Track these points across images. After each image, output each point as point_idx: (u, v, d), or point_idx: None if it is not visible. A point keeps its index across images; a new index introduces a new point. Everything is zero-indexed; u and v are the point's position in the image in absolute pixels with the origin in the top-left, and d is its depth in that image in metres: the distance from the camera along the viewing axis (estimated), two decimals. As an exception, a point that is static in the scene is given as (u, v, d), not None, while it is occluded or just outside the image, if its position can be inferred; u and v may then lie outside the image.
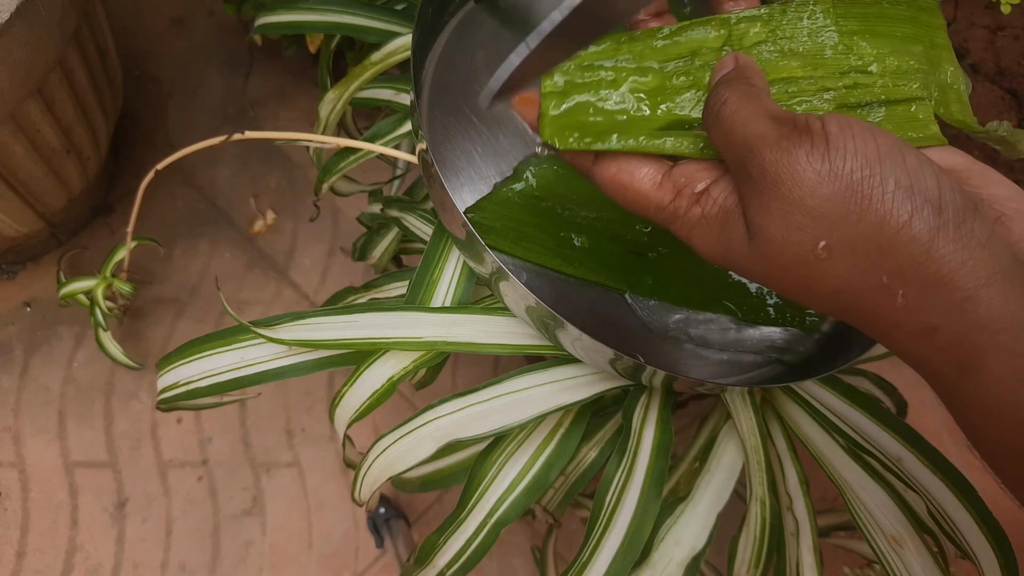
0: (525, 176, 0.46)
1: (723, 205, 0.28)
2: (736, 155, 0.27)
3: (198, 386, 0.44)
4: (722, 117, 0.28)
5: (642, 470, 0.45)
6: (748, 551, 0.47)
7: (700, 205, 0.29)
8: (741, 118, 0.27)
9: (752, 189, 0.26)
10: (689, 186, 0.29)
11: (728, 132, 0.27)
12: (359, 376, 0.44)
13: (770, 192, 0.25)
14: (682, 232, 0.30)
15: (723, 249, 0.28)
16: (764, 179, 0.25)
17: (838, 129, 0.25)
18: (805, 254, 0.25)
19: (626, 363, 0.39)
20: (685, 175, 0.30)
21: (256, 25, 0.62)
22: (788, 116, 0.26)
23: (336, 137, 0.51)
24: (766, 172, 0.25)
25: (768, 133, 0.26)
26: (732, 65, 0.30)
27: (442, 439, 0.41)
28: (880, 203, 0.24)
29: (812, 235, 0.25)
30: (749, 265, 0.28)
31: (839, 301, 0.26)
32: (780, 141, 0.25)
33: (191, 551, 0.97)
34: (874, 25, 0.31)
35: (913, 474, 0.45)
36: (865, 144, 0.25)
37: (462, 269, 0.46)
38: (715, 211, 0.28)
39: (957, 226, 0.24)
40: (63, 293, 0.90)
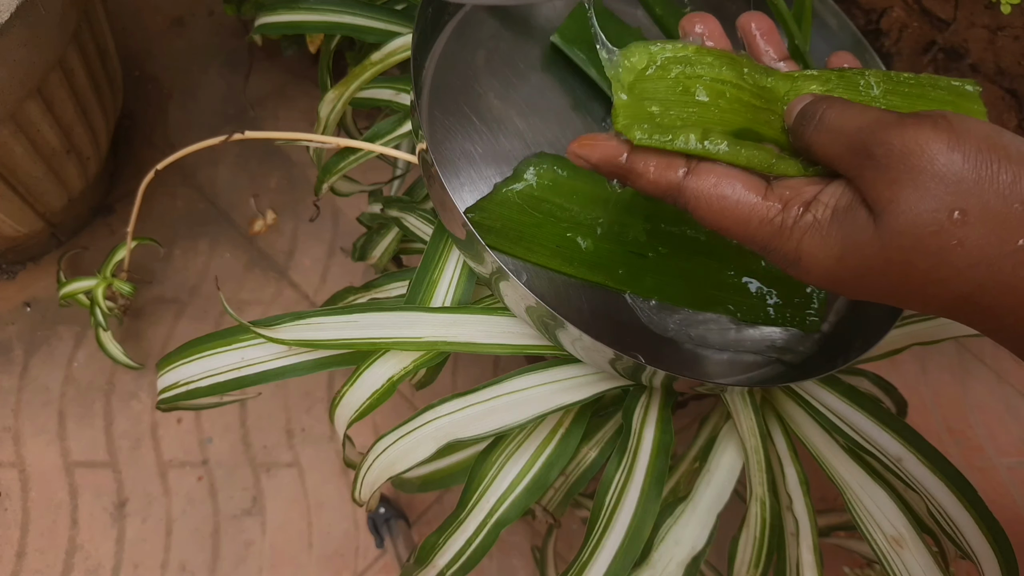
0: (525, 176, 0.46)
1: (836, 206, 0.28)
2: (851, 143, 0.27)
3: (198, 386, 0.44)
4: (827, 120, 0.29)
5: (642, 470, 0.45)
6: (748, 551, 0.47)
7: (811, 211, 0.28)
8: (850, 114, 0.28)
9: (877, 168, 0.26)
10: (797, 197, 0.29)
11: (838, 129, 0.28)
12: (359, 376, 0.44)
13: (899, 166, 0.26)
14: (790, 244, 0.29)
15: (839, 248, 0.28)
16: (891, 155, 0.26)
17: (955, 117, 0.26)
18: (940, 222, 0.25)
19: (626, 363, 0.39)
20: (790, 187, 0.30)
21: (256, 25, 0.62)
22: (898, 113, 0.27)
23: (336, 137, 0.51)
24: (893, 148, 0.26)
25: (887, 118, 0.27)
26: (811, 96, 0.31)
27: (442, 439, 0.41)
28: (1012, 162, 0.25)
29: (947, 202, 0.25)
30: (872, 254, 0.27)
31: (975, 274, 0.25)
32: (904, 119, 0.26)
33: (191, 551, 0.97)
34: (915, 104, 0.33)
35: (913, 474, 0.45)
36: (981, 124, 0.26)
37: (462, 269, 0.46)
38: (828, 213, 0.28)
39: None
40: (63, 293, 0.90)
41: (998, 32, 0.91)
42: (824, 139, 0.29)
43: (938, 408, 1.11)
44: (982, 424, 1.10)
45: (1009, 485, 1.08)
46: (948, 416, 1.11)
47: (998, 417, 1.11)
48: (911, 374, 1.11)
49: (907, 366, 1.11)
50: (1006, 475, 1.08)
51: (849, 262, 0.27)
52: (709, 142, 0.30)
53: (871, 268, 0.27)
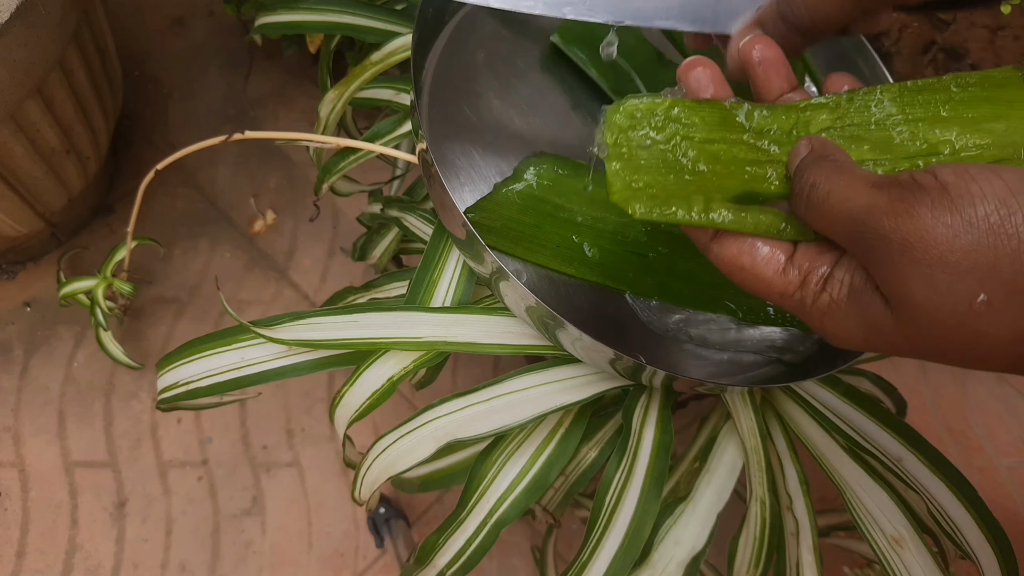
0: (525, 176, 0.46)
1: (851, 285, 0.26)
2: (848, 233, 0.25)
3: (198, 386, 0.44)
4: (816, 201, 0.26)
5: (642, 470, 0.45)
6: (748, 551, 0.47)
7: (827, 291, 0.27)
8: (838, 196, 0.26)
9: (880, 261, 0.24)
10: (813, 272, 0.27)
11: (829, 214, 0.26)
12: (359, 376, 0.44)
13: (903, 260, 0.23)
14: (814, 321, 0.28)
15: (863, 331, 0.26)
16: (891, 249, 0.24)
17: (954, 177, 0.23)
18: (962, 312, 0.23)
19: (626, 363, 0.39)
20: (808, 259, 0.28)
21: (256, 25, 0.62)
22: (890, 178, 0.25)
23: (336, 137, 0.51)
24: (891, 241, 0.24)
25: (877, 202, 0.24)
26: (808, 148, 0.29)
27: (442, 439, 0.41)
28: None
29: (965, 291, 0.23)
30: (898, 341, 0.25)
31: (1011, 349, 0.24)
32: (895, 205, 0.24)
33: (191, 551, 0.97)
34: (939, 111, 0.31)
35: (913, 474, 0.45)
36: (990, 184, 0.23)
37: (462, 269, 0.46)
38: (844, 293, 0.26)
39: None
40: (63, 293, 0.90)
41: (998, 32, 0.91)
42: (818, 223, 0.27)
43: (938, 408, 1.11)
44: (982, 424, 1.10)
45: (1009, 485, 1.08)
46: (948, 416, 1.11)
47: (998, 417, 1.11)
48: (911, 374, 1.11)
49: (907, 366, 1.11)
50: (1006, 475, 1.08)
51: (875, 342, 0.26)
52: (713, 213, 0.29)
53: (902, 348, 0.26)
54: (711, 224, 0.29)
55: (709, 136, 0.30)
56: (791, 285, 0.28)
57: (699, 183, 0.30)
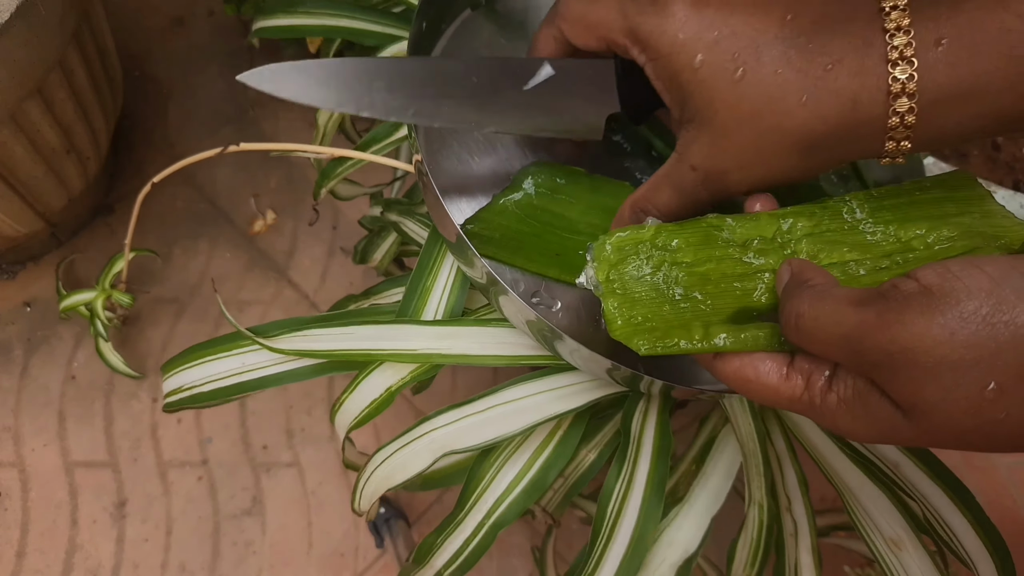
0: (523, 186, 0.45)
1: (855, 387, 0.27)
2: (845, 354, 0.26)
3: (201, 391, 0.45)
4: (806, 330, 0.27)
5: (642, 478, 0.45)
6: (745, 551, 0.48)
7: (834, 391, 0.27)
8: (826, 322, 0.26)
9: (885, 373, 0.25)
10: (817, 372, 0.28)
11: (822, 339, 0.26)
12: (357, 385, 0.44)
13: (907, 367, 0.24)
14: (826, 422, 0.28)
15: (877, 429, 0.26)
16: (893, 360, 0.24)
17: (937, 277, 0.24)
18: (975, 405, 0.23)
19: (624, 373, 0.39)
20: (808, 362, 0.29)
21: (254, 29, 0.62)
22: (872, 292, 0.25)
23: (330, 148, 0.51)
24: (891, 353, 0.24)
25: (866, 319, 0.25)
26: (788, 274, 0.30)
27: (438, 451, 0.42)
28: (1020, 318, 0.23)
29: (974, 384, 0.23)
30: (915, 437, 0.26)
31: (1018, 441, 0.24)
32: (885, 317, 0.24)
33: (191, 551, 0.97)
34: (907, 213, 0.32)
35: (911, 480, 0.45)
36: (972, 278, 0.24)
37: (456, 276, 0.46)
38: (851, 393, 0.27)
39: None
40: (63, 306, 0.91)
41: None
42: (814, 348, 0.27)
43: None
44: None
45: (1009, 485, 1.08)
46: (947, 416, 1.11)
47: (997, 417, 1.11)
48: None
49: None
50: (1006, 475, 1.08)
51: (893, 437, 0.26)
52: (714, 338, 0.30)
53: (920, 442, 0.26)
54: (713, 349, 0.30)
55: (696, 257, 0.32)
56: (797, 389, 0.28)
57: (695, 308, 0.31)
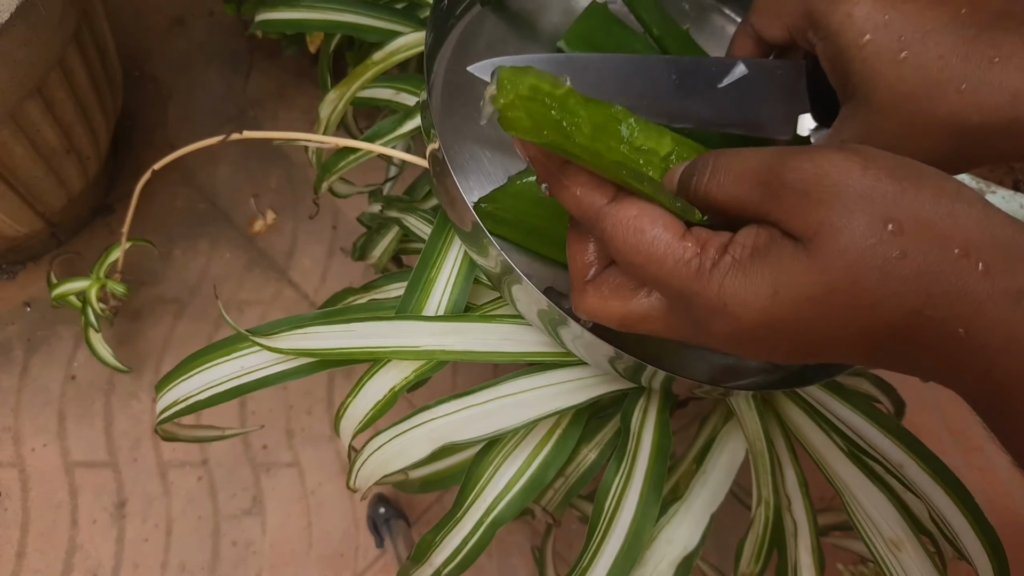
0: None
1: (755, 245, 0.26)
2: (759, 179, 0.26)
3: (198, 399, 0.44)
4: (723, 165, 0.27)
5: (641, 475, 0.45)
6: (751, 548, 0.48)
7: (730, 253, 0.27)
8: (746, 155, 0.27)
9: (795, 195, 0.25)
10: (715, 239, 0.27)
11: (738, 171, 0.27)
12: (361, 388, 0.44)
13: (819, 188, 0.25)
14: (711, 288, 0.27)
15: (770, 285, 0.26)
16: (807, 179, 0.25)
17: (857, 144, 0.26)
18: (878, 234, 0.24)
19: (626, 362, 0.39)
20: (705, 232, 0.28)
21: (256, 20, 0.62)
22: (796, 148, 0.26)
23: (334, 137, 0.51)
24: (806, 172, 0.25)
25: (788, 150, 0.26)
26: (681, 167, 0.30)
27: (437, 441, 0.41)
28: (930, 178, 0.24)
29: (878, 215, 0.24)
30: (810, 283, 0.25)
31: (923, 283, 0.24)
32: (808, 149, 0.25)
33: (191, 551, 0.97)
34: None
35: (914, 480, 0.45)
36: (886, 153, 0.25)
37: (459, 269, 0.46)
38: (747, 252, 0.26)
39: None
40: (55, 294, 0.88)
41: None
42: (725, 181, 0.27)
43: (938, 408, 1.11)
44: (982, 424, 1.10)
45: (1009, 485, 1.08)
46: (948, 416, 1.11)
47: (998, 417, 1.11)
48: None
49: (907, 366, 1.11)
50: (1006, 475, 1.08)
51: (784, 297, 0.25)
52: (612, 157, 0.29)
53: (812, 298, 0.25)
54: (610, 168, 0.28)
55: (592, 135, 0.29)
56: (689, 251, 0.27)
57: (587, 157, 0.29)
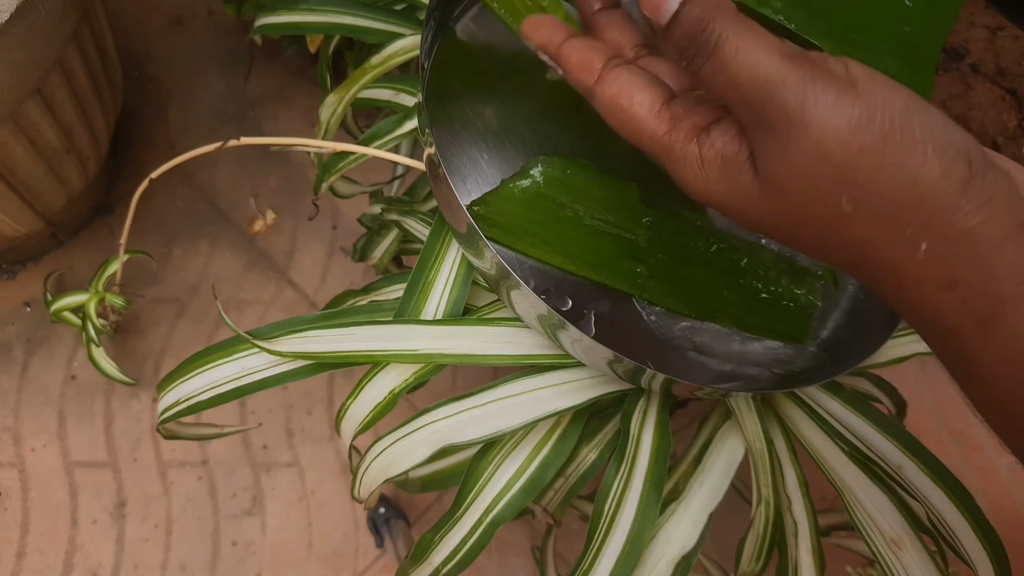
0: (532, 173, 0.46)
1: (723, 152, 0.26)
2: (748, 98, 0.24)
3: (199, 400, 0.44)
4: (724, 56, 0.25)
5: (641, 476, 0.45)
6: (752, 547, 0.48)
7: (697, 144, 0.27)
8: (749, 58, 0.24)
9: (769, 138, 0.24)
10: (687, 119, 0.27)
11: (735, 74, 0.24)
12: (361, 390, 0.44)
13: (794, 142, 0.23)
14: (676, 169, 0.28)
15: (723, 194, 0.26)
16: (787, 128, 0.23)
17: (865, 75, 0.23)
18: (828, 208, 0.24)
19: (626, 365, 0.39)
20: (684, 107, 0.27)
21: (256, 25, 0.62)
22: (803, 54, 0.24)
23: (332, 142, 0.51)
24: (791, 120, 0.23)
25: (787, 74, 0.23)
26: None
27: (436, 443, 0.42)
28: (916, 156, 0.23)
29: (838, 188, 0.23)
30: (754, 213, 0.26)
31: (855, 251, 0.25)
32: (803, 84, 0.23)
33: (191, 551, 0.97)
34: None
35: (913, 481, 0.45)
36: (894, 93, 0.23)
37: (458, 272, 0.46)
38: (712, 155, 0.26)
39: (983, 178, 0.23)
40: (54, 309, 0.87)
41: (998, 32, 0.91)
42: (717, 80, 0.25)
43: (938, 408, 1.11)
44: (982, 424, 1.10)
45: (1009, 485, 1.08)
46: (948, 416, 1.11)
47: (998, 417, 1.11)
48: (911, 374, 1.11)
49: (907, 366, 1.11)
50: (1006, 475, 1.08)
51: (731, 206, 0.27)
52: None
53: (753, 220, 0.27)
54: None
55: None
56: (662, 127, 0.27)
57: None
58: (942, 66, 0.93)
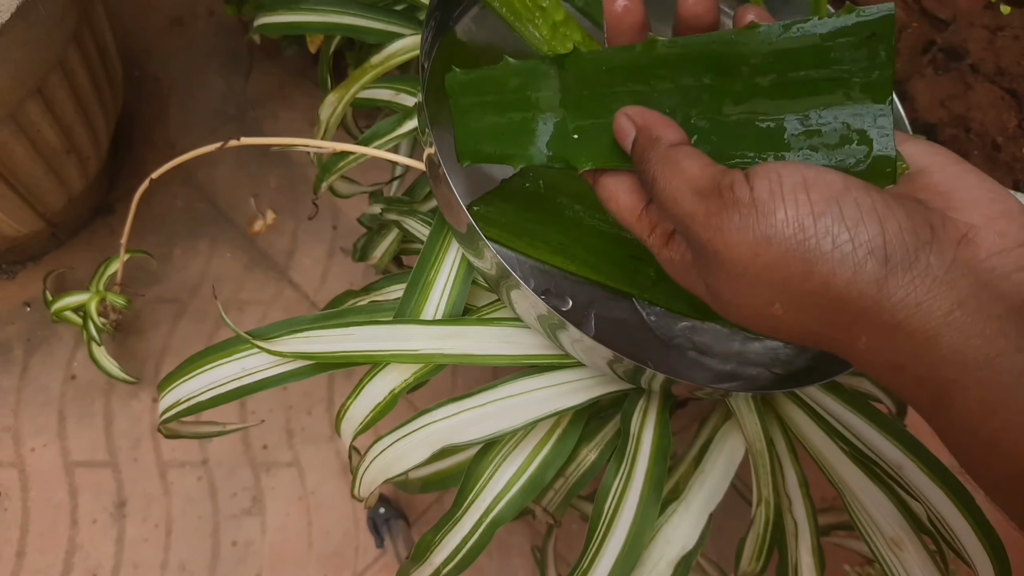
0: (531, 174, 0.46)
1: (682, 258, 0.30)
2: (678, 227, 0.28)
3: (200, 400, 0.44)
4: (656, 190, 0.28)
5: (641, 476, 0.45)
6: (752, 547, 0.48)
7: (669, 249, 0.30)
8: (670, 196, 0.27)
9: (698, 257, 0.28)
10: (661, 226, 0.31)
11: (665, 207, 0.28)
12: (361, 389, 0.44)
13: (714, 263, 0.26)
14: (662, 264, 0.31)
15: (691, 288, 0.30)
16: (705, 253, 0.26)
17: (767, 194, 0.24)
18: (761, 312, 0.26)
19: (626, 365, 0.39)
20: (655, 215, 0.31)
21: (255, 25, 0.62)
22: (713, 186, 0.26)
23: (332, 142, 0.51)
24: (705, 247, 0.26)
25: (697, 211, 0.26)
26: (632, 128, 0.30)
27: (436, 444, 0.42)
28: (820, 263, 0.23)
29: (762, 298, 0.25)
30: (715, 307, 0.29)
31: (807, 339, 0.26)
32: (710, 219, 0.26)
33: (191, 551, 0.97)
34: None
35: (913, 482, 0.45)
36: (797, 205, 0.24)
37: (458, 272, 0.46)
38: (679, 258, 0.30)
39: (907, 268, 0.23)
40: (55, 309, 0.88)
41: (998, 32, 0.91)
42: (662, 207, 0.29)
43: (938, 408, 1.11)
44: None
45: (1009, 485, 1.08)
46: (948, 416, 1.11)
47: (998, 417, 1.11)
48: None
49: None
50: (1006, 475, 1.08)
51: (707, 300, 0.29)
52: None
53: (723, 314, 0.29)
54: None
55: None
56: (644, 231, 0.31)
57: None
58: (942, 66, 0.93)
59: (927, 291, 0.23)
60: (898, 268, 0.23)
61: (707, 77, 0.30)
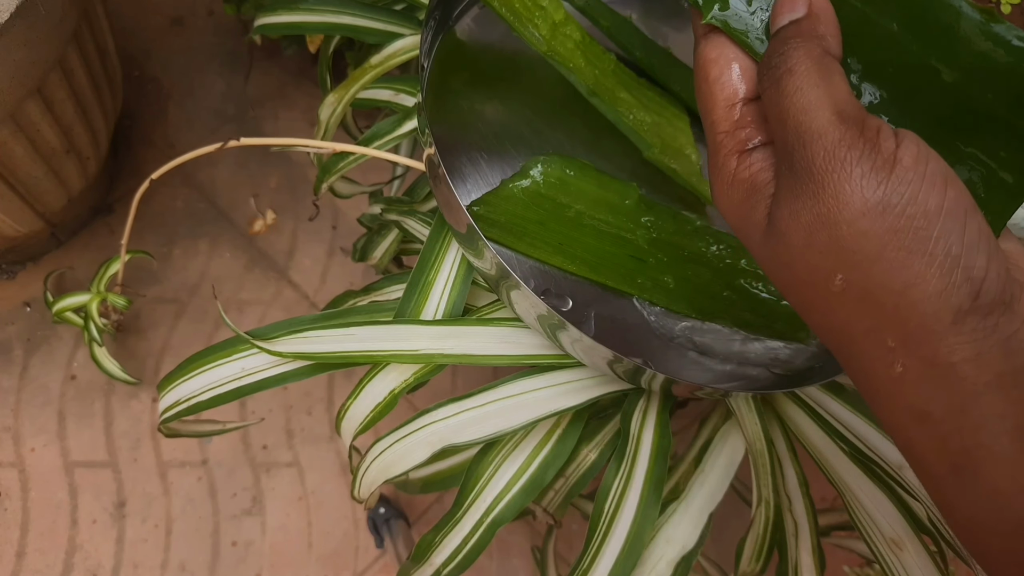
0: (532, 174, 0.46)
1: (753, 178, 0.25)
2: (785, 138, 0.23)
3: (199, 400, 0.44)
4: (785, 89, 0.23)
5: (641, 476, 0.45)
6: (752, 547, 0.48)
7: (736, 160, 0.25)
8: (803, 100, 0.23)
9: (789, 185, 0.23)
10: (745, 129, 0.25)
11: (785, 110, 0.23)
12: (361, 390, 0.44)
13: (807, 199, 0.22)
14: (711, 169, 0.26)
15: (736, 218, 0.26)
16: (805, 182, 0.22)
17: (912, 160, 0.21)
18: (817, 278, 0.23)
19: (626, 366, 0.39)
20: (752, 115, 0.26)
21: (255, 25, 0.62)
22: (858, 116, 0.22)
23: (332, 143, 0.51)
24: (812, 177, 0.22)
25: (829, 132, 0.22)
26: (805, 8, 0.25)
27: (436, 444, 0.42)
28: (919, 261, 0.21)
29: (832, 263, 0.22)
30: (756, 250, 0.25)
31: (834, 338, 0.24)
32: (839, 147, 0.22)
33: (191, 551, 0.97)
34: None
35: (913, 482, 0.45)
36: (932, 189, 0.21)
37: (458, 272, 0.46)
38: (745, 176, 0.25)
39: (986, 315, 0.21)
40: (56, 309, 0.88)
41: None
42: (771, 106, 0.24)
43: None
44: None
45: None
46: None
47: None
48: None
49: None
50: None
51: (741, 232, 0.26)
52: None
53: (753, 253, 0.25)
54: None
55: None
56: (727, 125, 0.26)
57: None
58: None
59: (992, 345, 0.21)
60: (979, 309, 0.21)
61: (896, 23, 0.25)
